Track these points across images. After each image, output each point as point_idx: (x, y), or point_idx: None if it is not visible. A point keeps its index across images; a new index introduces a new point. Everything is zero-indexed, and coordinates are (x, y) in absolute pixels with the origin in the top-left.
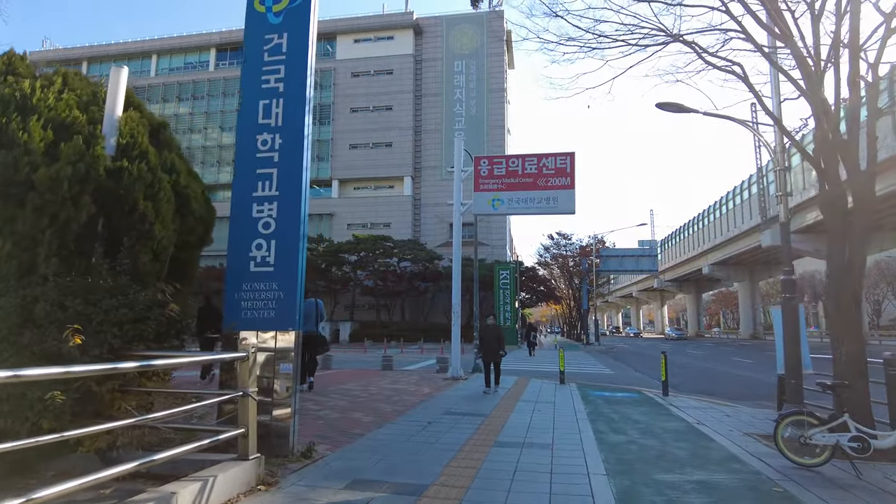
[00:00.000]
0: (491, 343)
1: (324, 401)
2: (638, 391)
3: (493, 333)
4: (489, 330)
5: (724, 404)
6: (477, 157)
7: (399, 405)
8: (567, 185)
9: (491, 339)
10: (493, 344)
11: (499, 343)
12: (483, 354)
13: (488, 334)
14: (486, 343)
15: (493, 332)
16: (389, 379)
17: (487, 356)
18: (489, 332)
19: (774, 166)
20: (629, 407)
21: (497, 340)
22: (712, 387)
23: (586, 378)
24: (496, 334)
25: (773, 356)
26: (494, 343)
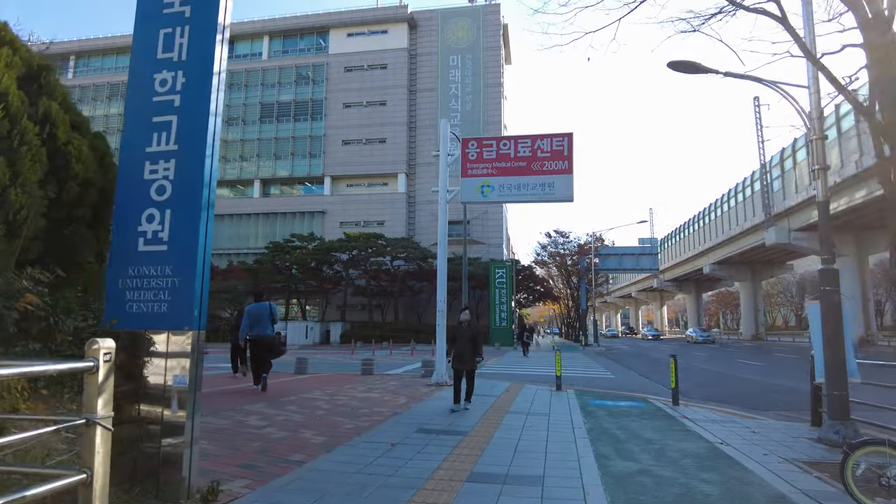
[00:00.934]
0: (464, 346)
1: (273, 414)
2: (643, 399)
3: (468, 334)
4: (463, 329)
5: (745, 416)
6: (465, 138)
7: (363, 420)
8: (564, 169)
9: (464, 342)
10: (466, 347)
11: (474, 346)
12: (454, 361)
13: (461, 335)
14: (458, 346)
15: (469, 331)
16: (365, 385)
17: (459, 363)
18: (463, 333)
19: (810, 135)
20: (636, 420)
21: (472, 343)
22: (724, 394)
23: (585, 383)
24: (472, 335)
25: (783, 358)
26: (469, 346)
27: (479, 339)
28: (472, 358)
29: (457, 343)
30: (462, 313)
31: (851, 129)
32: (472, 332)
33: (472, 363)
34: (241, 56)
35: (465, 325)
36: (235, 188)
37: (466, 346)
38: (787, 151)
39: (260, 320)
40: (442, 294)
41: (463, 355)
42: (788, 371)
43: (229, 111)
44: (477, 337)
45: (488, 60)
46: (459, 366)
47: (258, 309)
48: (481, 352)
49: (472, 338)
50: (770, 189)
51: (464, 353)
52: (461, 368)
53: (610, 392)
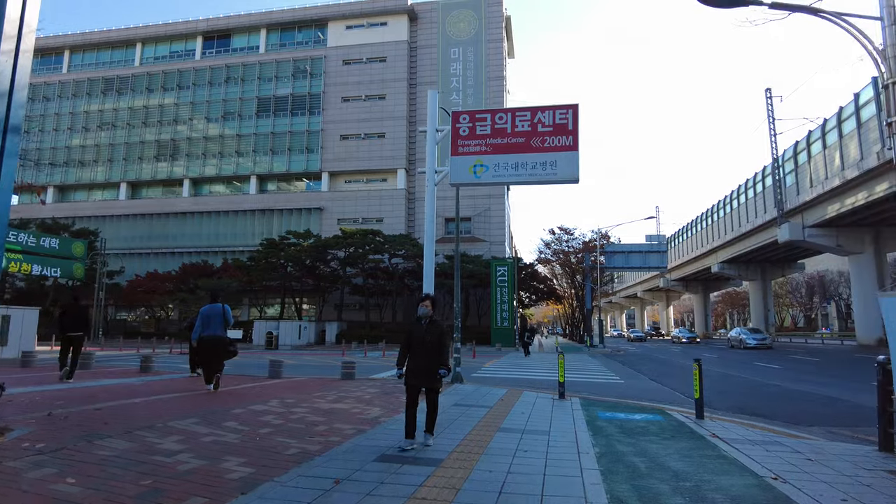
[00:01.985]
0: (424, 354)
1: (200, 434)
2: (660, 410)
3: (432, 335)
4: (422, 329)
5: (789, 434)
6: (455, 111)
7: (315, 441)
8: (569, 145)
9: (424, 347)
10: (427, 355)
11: (439, 354)
12: (407, 375)
13: (420, 337)
14: (414, 354)
15: (432, 332)
16: (338, 393)
17: (414, 377)
18: (422, 335)
19: (883, 80)
20: (657, 441)
21: (436, 349)
22: (752, 403)
23: (592, 389)
24: (436, 337)
25: (800, 361)
26: (431, 353)
27: (446, 344)
28: (435, 371)
29: (413, 348)
30: (420, 305)
31: (873, 119)
32: (436, 332)
33: (434, 378)
34: (237, 50)
35: (427, 322)
36: (231, 184)
37: (427, 354)
38: (802, 144)
39: (212, 321)
40: (429, 286)
41: (420, 367)
42: (812, 376)
43: (226, 105)
44: (443, 339)
45: (490, 53)
46: (414, 381)
47: (211, 310)
48: (448, 361)
49: (436, 341)
50: (783, 184)
51: (422, 363)
52: (416, 385)
53: (620, 401)
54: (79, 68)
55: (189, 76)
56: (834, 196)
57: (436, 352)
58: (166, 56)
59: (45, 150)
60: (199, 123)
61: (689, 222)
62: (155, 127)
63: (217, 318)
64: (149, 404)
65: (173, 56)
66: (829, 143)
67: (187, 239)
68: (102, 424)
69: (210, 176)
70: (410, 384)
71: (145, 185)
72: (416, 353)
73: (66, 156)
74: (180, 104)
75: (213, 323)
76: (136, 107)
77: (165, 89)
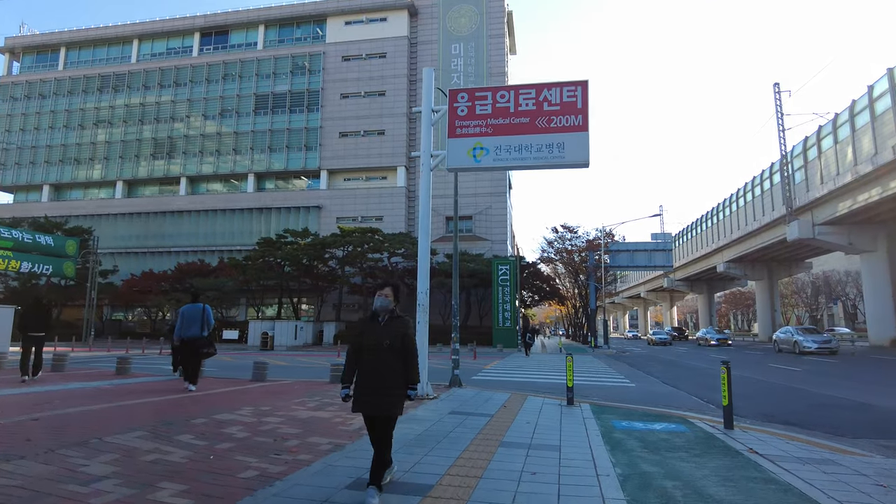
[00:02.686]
0: (379, 364)
1: (143, 451)
2: (682, 418)
3: (391, 337)
4: (378, 329)
5: (834, 448)
6: (453, 89)
7: (279, 460)
8: (578, 125)
9: (379, 354)
10: (381, 368)
11: (403, 364)
12: (356, 397)
13: (373, 341)
14: (367, 365)
15: (392, 334)
16: (322, 398)
17: (363, 401)
18: (378, 337)
19: None
20: (688, 458)
21: (397, 356)
22: (781, 410)
23: (602, 393)
24: (397, 340)
25: (818, 363)
26: (390, 365)
27: (412, 349)
28: (395, 390)
29: (364, 358)
30: (378, 296)
31: (888, 111)
32: (397, 333)
33: (393, 402)
34: (235, 46)
35: (385, 319)
36: (229, 182)
37: (384, 365)
38: (812, 140)
39: (193, 322)
40: (423, 284)
41: (373, 384)
42: (836, 379)
43: (223, 102)
44: (408, 343)
45: (492, 49)
46: (365, 407)
47: (192, 310)
48: (416, 374)
49: (398, 346)
50: (792, 181)
51: (376, 378)
52: (367, 413)
53: (634, 407)
54: (75, 65)
55: (186, 73)
56: (846, 192)
57: (397, 361)
58: (163, 53)
59: (41, 149)
60: (196, 121)
61: (694, 221)
62: (151, 124)
63: (197, 318)
64: (100, 413)
65: (170, 53)
66: (841, 138)
67: (184, 238)
68: (24, 441)
69: (207, 174)
70: (359, 411)
71: (142, 183)
72: (368, 363)
73: (61, 154)
74: (177, 101)
75: (194, 324)
76: (132, 104)
77: (162, 86)
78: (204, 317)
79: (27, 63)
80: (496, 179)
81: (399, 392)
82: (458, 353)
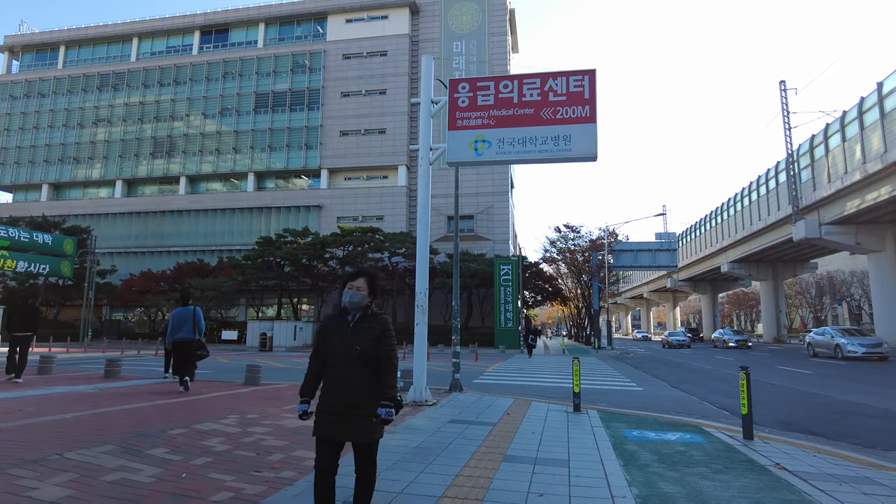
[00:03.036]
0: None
1: (109, 470)
2: (696, 427)
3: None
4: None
5: (868, 462)
6: (453, 79)
7: (259, 479)
8: (585, 116)
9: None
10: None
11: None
12: (318, 415)
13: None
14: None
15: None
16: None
17: (331, 420)
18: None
19: None
20: (710, 476)
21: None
22: (800, 417)
23: (608, 398)
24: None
25: (826, 365)
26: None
27: (392, 354)
28: (369, 407)
29: (330, 365)
30: (347, 289)
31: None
32: (370, 334)
33: (366, 423)
34: (235, 44)
35: (356, 319)
36: (228, 182)
37: (354, 375)
38: (819, 138)
39: (184, 324)
40: (422, 283)
41: (340, 399)
42: (850, 382)
43: (223, 101)
44: (386, 346)
45: (494, 47)
46: (330, 429)
47: (182, 313)
48: (394, 387)
49: (371, 352)
50: (798, 180)
51: (344, 392)
52: (333, 437)
53: (645, 414)
54: (74, 64)
55: (186, 71)
56: (854, 191)
57: (369, 372)
58: (163, 51)
59: (40, 148)
60: (196, 120)
61: (698, 221)
62: (151, 123)
63: (188, 320)
64: (72, 422)
65: (170, 51)
66: (849, 136)
67: (183, 237)
68: None
69: (207, 173)
70: (322, 435)
71: (141, 182)
72: (334, 374)
73: (60, 153)
74: (177, 100)
75: (185, 326)
76: (132, 103)
77: (162, 85)
78: (195, 319)
79: (26, 62)
80: (498, 178)
81: (372, 411)
82: (459, 356)
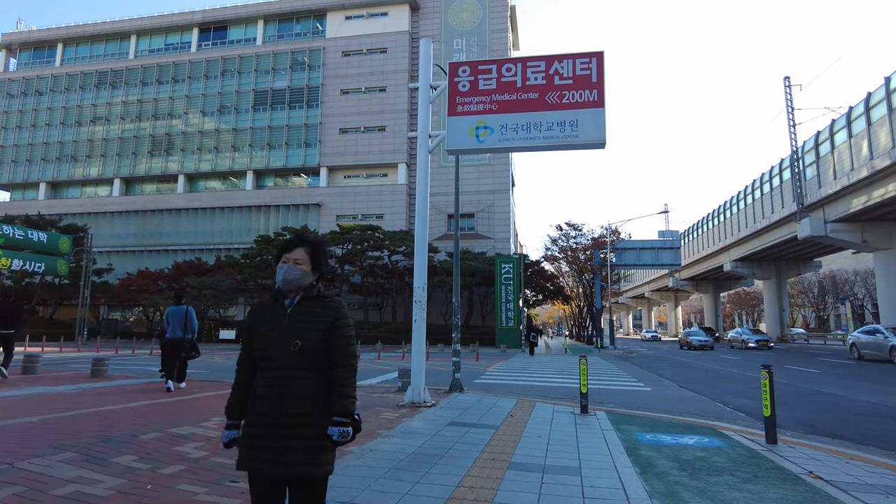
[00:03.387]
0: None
1: (64, 482)
2: (712, 429)
3: (309, 331)
4: (286, 321)
5: None
6: (453, 63)
7: (235, 490)
8: (593, 101)
9: (286, 364)
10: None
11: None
12: (244, 442)
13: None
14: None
15: (301, 326)
16: None
17: (262, 448)
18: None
19: None
20: (738, 486)
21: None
22: (821, 418)
23: (616, 399)
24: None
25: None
26: (299, 382)
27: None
28: (306, 430)
29: (260, 365)
30: (281, 265)
31: None
32: (312, 327)
33: (304, 455)
34: (234, 42)
35: (295, 304)
36: (227, 180)
37: (285, 387)
38: (824, 134)
39: (175, 323)
40: (421, 278)
41: (266, 422)
42: (862, 382)
43: (222, 99)
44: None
45: (495, 44)
46: (260, 461)
47: (176, 312)
48: (350, 400)
49: (315, 349)
50: (803, 177)
51: (273, 413)
52: (266, 471)
53: (656, 416)
54: (72, 61)
55: (184, 69)
56: (860, 188)
57: (313, 378)
58: (161, 49)
59: (38, 146)
60: (195, 118)
61: (700, 220)
62: (149, 121)
63: (181, 320)
64: (38, 426)
65: (168, 48)
66: (856, 132)
67: (182, 236)
68: None
69: (205, 171)
70: (251, 468)
71: (139, 180)
72: (267, 378)
73: (58, 151)
74: (175, 98)
75: (176, 325)
76: (130, 101)
77: (160, 83)
78: (187, 319)
79: (24, 59)
80: (498, 176)
81: (319, 435)
82: (460, 355)
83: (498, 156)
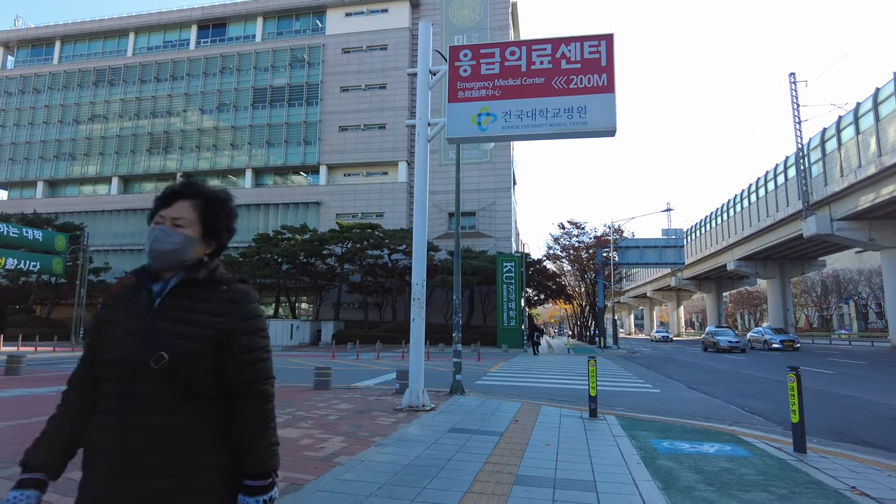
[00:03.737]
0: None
1: None
2: (732, 435)
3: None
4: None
5: None
6: (454, 46)
7: None
8: (602, 86)
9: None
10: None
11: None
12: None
13: (125, 349)
14: (101, 422)
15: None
16: (297, 410)
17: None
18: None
19: None
20: (774, 502)
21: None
22: (846, 424)
23: (625, 401)
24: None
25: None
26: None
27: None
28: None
29: (104, 389)
30: (152, 227)
31: None
32: (200, 326)
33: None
34: (233, 39)
35: (167, 288)
36: (226, 178)
37: (143, 415)
38: (831, 131)
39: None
40: (419, 275)
41: (110, 474)
42: (879, 384)
43: (220, 96)
44: (241, 357)
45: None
46: None
47: None
48: (269, 453)
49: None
50: (808, 175)
51: (118, 462)
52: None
53: (670, 420)
54: (70, 59)
55: (183, 66)
56: (868, 185)
57: (199, 405)
58: (160, 46)
59: (35, 144)
60: (193, 115)
61: (703, 219)
62: (148, 119)
63: None
64: None
65: (167, 46)
66: (864, 129)
67: None
68: None
69: (204, 169)
70: None
71: (137, 179)
72: (110, 417)
73: (56, 149)
74: (174, 95)
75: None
76: (128, 98)
77: (159, 80)
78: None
79: (22, 57)
80: (500, 174)
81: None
82: (461, 356)
83: (499, 153)
